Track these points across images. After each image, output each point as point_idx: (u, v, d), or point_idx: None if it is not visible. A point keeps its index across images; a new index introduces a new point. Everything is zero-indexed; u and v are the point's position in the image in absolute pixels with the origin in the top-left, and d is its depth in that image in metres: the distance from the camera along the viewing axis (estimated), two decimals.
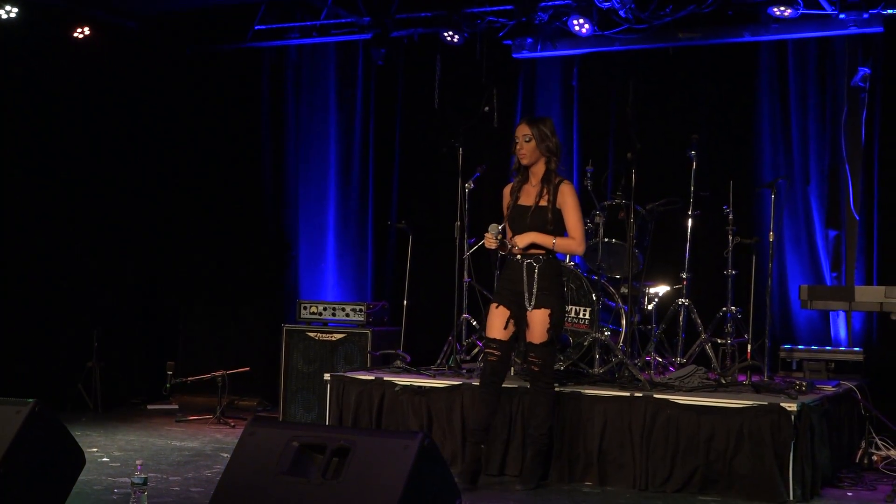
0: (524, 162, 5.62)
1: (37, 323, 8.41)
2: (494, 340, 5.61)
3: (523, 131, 5.60)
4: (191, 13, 9.13)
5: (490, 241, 5.52)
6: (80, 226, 8.77)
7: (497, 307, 5.63)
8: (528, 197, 5.64)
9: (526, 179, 5.69)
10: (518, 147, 5.62)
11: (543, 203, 5.56)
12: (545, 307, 5.52)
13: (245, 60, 9.65)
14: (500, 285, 5.74)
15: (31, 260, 8.42)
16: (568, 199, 5.58)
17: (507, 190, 5.79)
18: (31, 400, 4.50)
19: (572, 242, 5.60)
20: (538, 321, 5.53)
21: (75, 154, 8.76)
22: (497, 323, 5.61)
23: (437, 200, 8.53)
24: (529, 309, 5.53)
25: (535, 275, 5.53)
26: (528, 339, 5.59)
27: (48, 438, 4.56)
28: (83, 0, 8.50)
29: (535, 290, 5.52)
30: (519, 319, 5.61)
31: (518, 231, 5.60)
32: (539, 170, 5.63)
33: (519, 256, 5.58)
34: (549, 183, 5.59)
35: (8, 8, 7.99)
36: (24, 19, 8.09)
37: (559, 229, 5.58)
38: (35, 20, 8.20)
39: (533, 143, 5.58)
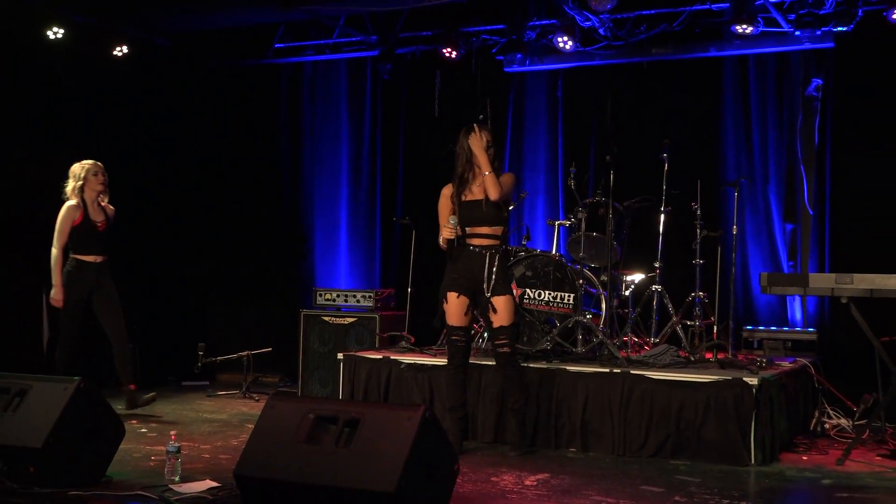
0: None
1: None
2: (461, 328, 5.57)
3: (486, 137, 5.55)
4: (217, 32, 9.11)
5: (451, 231, 5.47)
6: (120, 223, 8.76)
7: (458, 297, 5.55)
8: (474, 195, 5.56)
9: (465, 183, 5.58)
10: (489, 149, 5.52)
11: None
12: (507, 294, 5.51)
13: (265, 75, 9.65)
14: (457, 275, 5.57)
15: None
16: (505, 176, 5.57)
17: (446, 193, 5.66)
18: (76, 378, 4.53)
19: (496, 186, 5.44)
20: (504, 306, 5.49)
21: (115, 160, 8.74)
22: (459, 311, 5.55)
23: (437, 199, 8.49)
24: (492, 296, 5.48)
25: (496, 265, 5.49)
26: (499, 324, 5.51)
27: (92, 412, 4.59)
28: (122, 21, 8.49)
29: (495, 279, 5.48)
30: (475, 306, 5.60)
31: (474, 223, 5.53)
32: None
33: (478, 248, 5.52)
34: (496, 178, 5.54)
35: (55, 29, 8.01)
36: (70, 39, 8.10)
37: (507, 218, 5.63)
38: (79, 40, 8.20)
39: (492, 149, 5.55)
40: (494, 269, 5.48)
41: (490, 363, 6.04)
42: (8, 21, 7.73)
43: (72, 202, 6.61)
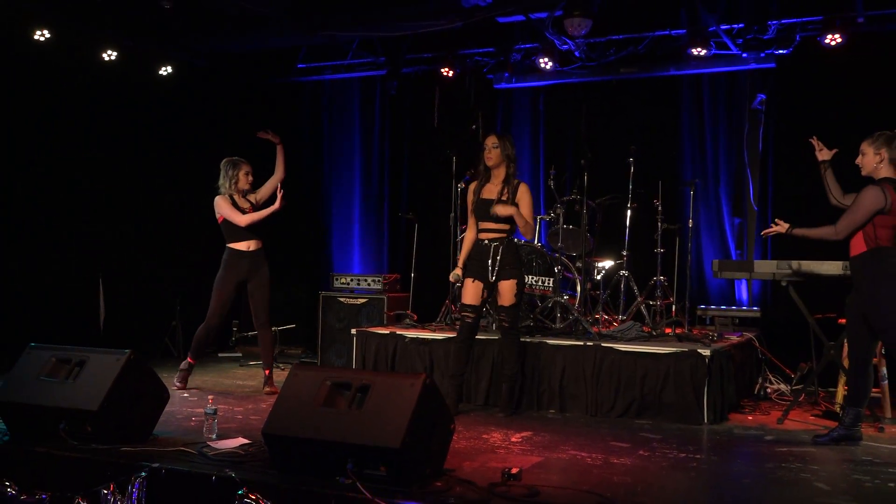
0: (490, 164, 5.50)
1: (135, 294, 8.42)
2: (470, 306, 5.53)
3: (493, 141, 5.51)
4: (249, 54, 9.07)
5: (454, 280, 5.69)
6: (164, 223, 8.77)
7: (473, 281, 5.52)
8: (490, 193, 5.51)
9: (488, 180, 5.55)
10: (487, 152, 5.51)
11: (505, 198, 5.46)
12: (512, 278, 5.46)
13: (290, 91, 9.61)
14: (471, 263, 5.56)
15: (132, 251, 8.49)
16: (525, 197, 5.48)
17: (471, 188, 5.65)
18: (127, 351, 4.50)
19: (529, 226, 5.49)
20: (508, 289, 5.46)
21: (160, 165, 8.75)
22: (471, 292, 5.52)
23: (436, 197, 8.50)
24: (498, 280, 5.46)
25: (500, 254, 5.46)
26: (501, 304, 5.50)
27: (141, 379, 4.57)
28: (167, 44, 8.45)
29: (500, 266, 5.45)
30: (486, 289, 5.55)
31: (484, 220, 5.51)
32: (501, 172, 5.52)
33: (487, 241, 5.49)
34: (509, 184, 5.50)
35: (109, 51, 7.98)
36: (121, 60, 8.08)
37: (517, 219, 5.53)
38: (129, 61, 8.17)
39: (499, 149, 5.50)
40: (499, 259, 5.45)
41: (483, 337, 6.04)
42: (67, 43, 7.70)
43: (221, 195, 6.33)
